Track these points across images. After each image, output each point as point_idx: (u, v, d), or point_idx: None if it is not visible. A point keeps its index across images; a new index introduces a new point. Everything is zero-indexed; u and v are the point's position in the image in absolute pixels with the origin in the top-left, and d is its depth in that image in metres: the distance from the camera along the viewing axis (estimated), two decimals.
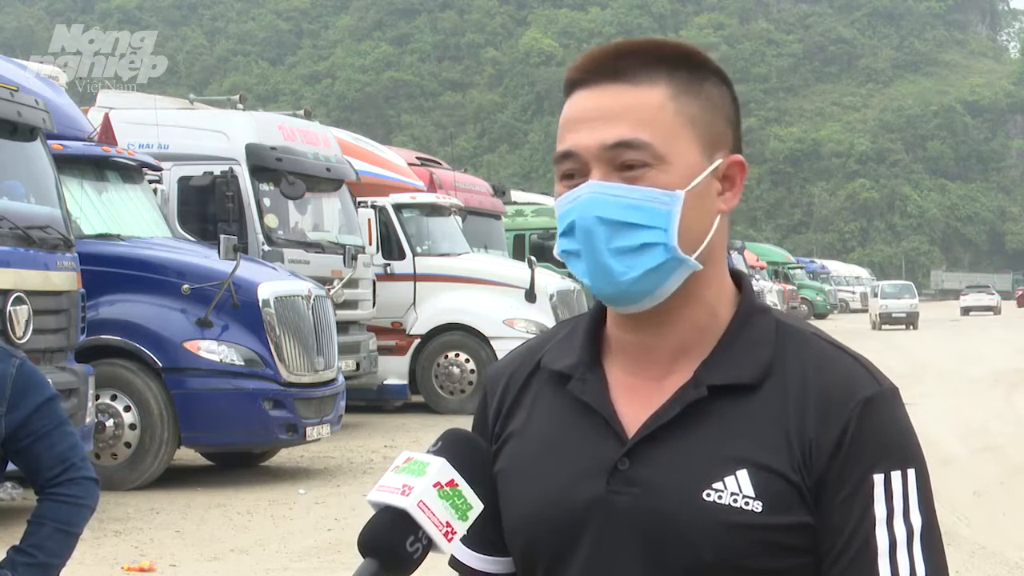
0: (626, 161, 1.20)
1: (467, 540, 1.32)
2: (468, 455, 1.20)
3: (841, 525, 1.19)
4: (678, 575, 1.21)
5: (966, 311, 53.44)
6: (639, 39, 1.26)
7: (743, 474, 1.20)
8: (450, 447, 1.20)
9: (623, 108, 1.21)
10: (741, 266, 30.37)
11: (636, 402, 1.26)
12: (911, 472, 1.21)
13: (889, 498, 1.19)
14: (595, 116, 1.21)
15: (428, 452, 1.20)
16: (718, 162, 1.24)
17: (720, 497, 1.19)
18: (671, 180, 1.21)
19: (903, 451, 1.21)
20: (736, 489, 1.19)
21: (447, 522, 1.15)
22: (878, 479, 1.19)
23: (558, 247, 1.25)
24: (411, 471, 1.16)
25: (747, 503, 1.19)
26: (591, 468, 1.24)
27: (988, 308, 53.42)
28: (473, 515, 1.17)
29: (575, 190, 1.21)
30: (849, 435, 1.20)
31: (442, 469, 1.17)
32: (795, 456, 1.20)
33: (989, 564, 6.53)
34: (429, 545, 1.16)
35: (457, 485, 1.17)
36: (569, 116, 1.24)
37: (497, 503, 1.29)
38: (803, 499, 1.20)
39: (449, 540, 1.16)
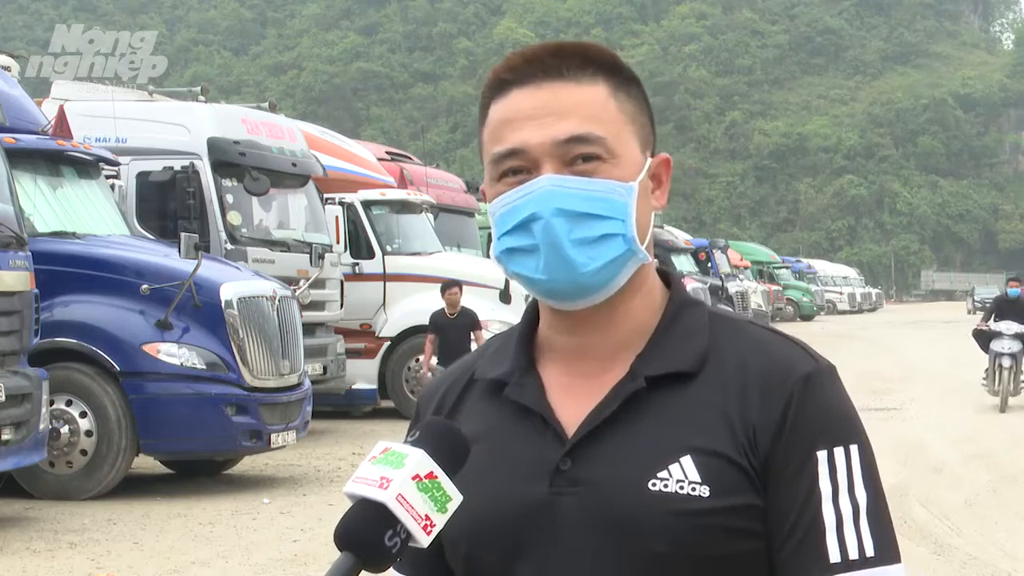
0: (579, 155, 1.23)
1: (399, 565, 1.33)
2: (447, 446, 1.17)
3: (789, 505, 1.20)
4: (631, 570, 1.20)
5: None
6: (567, 41, 1.29)
7: (687, 460, 1.20)
8: (428, 437, 1.17)
9: (571, 104, 1.24)
10: (725, 266, 30.36)
11: (574, 401, 1.27)
12: (854, 448, 1.22)
13: (833, 474, 1.21)
14: (542, 113, 1.23)
15: (406, 442, 1.17)
16: (649, 160, 1.28)
17: (666, 485, 1.20)
18: (622, 174, 1.24)
19: (844, 427, 1.23)
20: (681, 476, 1.20)
21: (426, 515, 1.13)
22: (821, 456, 1.21)
23: (501, 245, 1.24)
24: (389, 462, 1.14)
25: (694, 488, 1.19)
26: (533, 471, 1.25)
27: None
28: (452, 507, 1.15)
29: (528, 185, 1.22)
30: (792, 413, 1.21)
31: (421, 461, 1.14)
32: (739, 439, 1.21)
33: (981, 575, 6.42)
34: (408, 539, 1.13)
35: (436, 477, 1.14)
36: (509, 115, 1.25)
37: None
38: (750, 481, 1.21)
39: (428, 533, 1.13)
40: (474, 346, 10.44)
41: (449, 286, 10.82)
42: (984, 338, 14.46)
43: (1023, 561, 6.72)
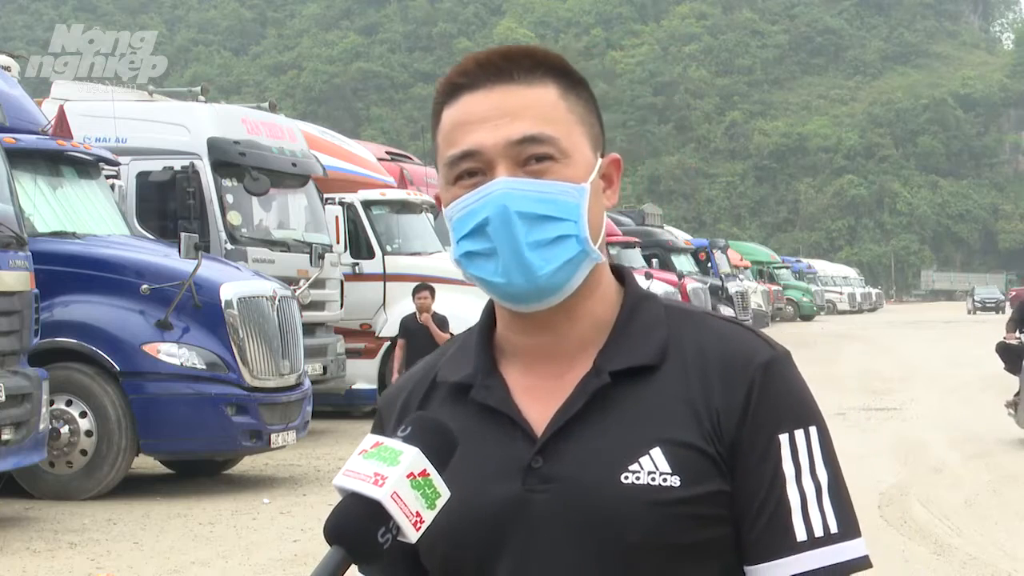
0: (533, 156, 1.24)
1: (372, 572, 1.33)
2: (438, 442, 1.18)
3: (755, 488, 1.24)
4: (607, 562, 1.23)
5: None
6: (516, 45, 1.31)
7: (657, 452, 1.23)
8: (421, 434, 1.17)
9: (522, 106, 1.25)
10: (725, 266, 30.30)
11: (540, 400, 1.28)
12: (812, 430, 1.26)
13: (795, 456, 1.25)
14: (495, 115, 1.25)
15: (398, 437, 1.17)
16: (600, 160, 1.30)
17: (638, 478, 1.22)
18: (574, 174, 1.25)
19: (803, 410, 1.27)
20: (652, 467, 1.22)
21: (417, 512, 1.14)
22: (783, 439, 1.25)
23: (460, 249, 1.25)
24: (382, 458, 1.14)
25: (665, 479, 1.22)
26: (505, 470, 1.26)
27: (995, 306, 55.69)
28: (441, 503, 1.15)
29: (484, 188, 1.23)
30: (754, 399, 1.25)
31: (416, 460, 1.14)
32: (704, 427, 1.24)
33: (981, 575, 6.38)
34: (398, 534, 1.14)
35: (429, 475, 1.15)
36: (461, 118, 1.26)
37: None
38: (718, 468, 1.24)
39: (417, 529, 1.14)
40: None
41: (419, 290, 10.30)
42: (1011, 354, 11.67)
43: (1023, 561, 6.69)
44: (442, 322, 10.30)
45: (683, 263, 26.54)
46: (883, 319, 48.84)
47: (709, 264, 28.51)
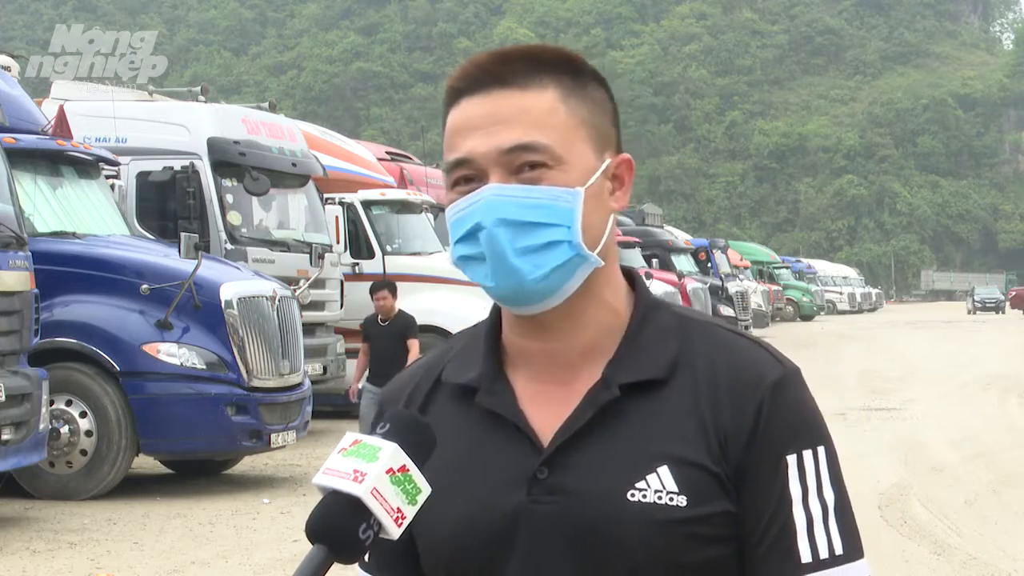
0: (525, 163, 1.23)
1: (371, 568, 1.34)
2: (417, 438, 1.19)
3: (761, 509, 1.23)
4: None
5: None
6: (520, 46, 1.29)
7: (664, 470, 1.22)
8: (399, 430, 1.18)
9: (516, 112, 1.24)
10: (725, 266, 30.28)
11: (547, 409, 1.27)
12: (820, 450, 1.25)
13: (803, 477, 1.23)
14: (488, 122, 1.24)
15: (376, 434, 1.17)
16: (607, 162, 1.27)
17: (645, 496, 1.21)
18: (569, 179, 1.23)
19: (812, 430, 1.25)
20: (660, 486, 1.21)
21: (398, 507, 1.14)
22: (791, 460, 1.23)
23: (456, 252, 1.25)
24: (361, 455, 1.14)
25: (671, 499, 1.21)
26: (510, 479, 1.25)
27: (995, 306, 55.98)
28: (422, 499, 1.16)
29: (474, 194, 1.23)
30: (763, 420, 1.23)
31: (395, 455, 1.15)
32: (712, 446, 1.23)
33: (981, 575, 6.39)
34: (379, 531, 1.14)
35: (408, 470, 1.15)
36: (459, 124, 1.26)
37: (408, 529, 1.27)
38: (724, 488, 1.23)
39: (399, 525, 1.14)
40: (410, 358, 8.92)
41: (377, 289, 9.47)
42: None
43: (1023, 561, 6.70)
44: (409, 323, 9.46)
45: (683, 263, 26.54)
46: (883, 319, 48.84)
47: (709, 264, 28.51)
